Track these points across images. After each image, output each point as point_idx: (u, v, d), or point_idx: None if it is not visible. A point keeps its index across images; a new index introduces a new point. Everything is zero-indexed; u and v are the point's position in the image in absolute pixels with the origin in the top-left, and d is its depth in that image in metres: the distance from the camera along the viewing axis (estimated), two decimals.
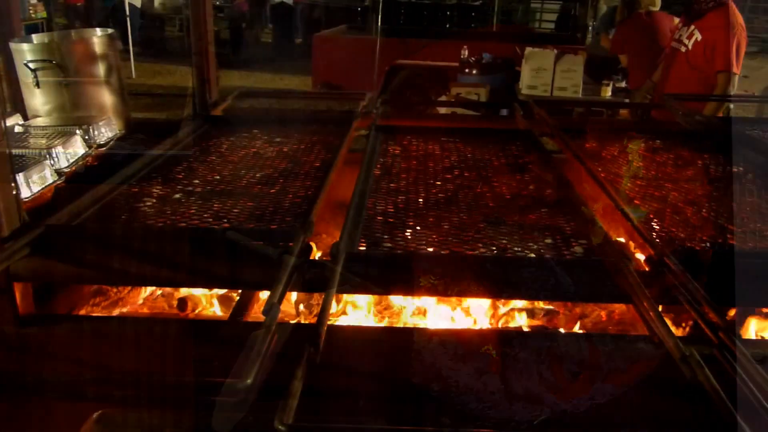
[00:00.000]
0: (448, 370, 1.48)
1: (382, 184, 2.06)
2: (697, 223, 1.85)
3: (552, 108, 4.46)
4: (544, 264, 1.50)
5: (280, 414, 0.98)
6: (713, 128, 2.82)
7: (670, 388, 1.36)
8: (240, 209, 1.80)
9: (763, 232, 1.80)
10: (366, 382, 1.45)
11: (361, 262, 1.50)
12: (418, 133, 2.61)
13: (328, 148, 2.39)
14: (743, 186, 2.17)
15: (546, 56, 5.91)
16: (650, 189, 2.12)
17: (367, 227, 1.71)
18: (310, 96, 4.95)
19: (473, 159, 2.35)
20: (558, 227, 1.76)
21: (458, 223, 1.77)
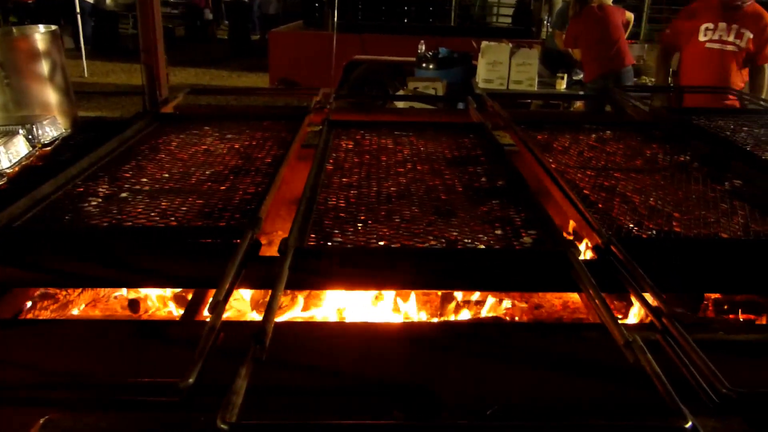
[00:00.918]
0: (397, 364, 1.48)
1: (334, 179, 2.04)
2: (644, 211, 1.88)
3: (506, 101, 4.51)
4: (492, 255, 1.51)
5: (223, 413, 0.96)
6: (662, 119, 2.87)
7: (617, 375, 1.38)
8: (188, 207, 1.77)
9: (708, 219, 1.84)
10: (318, 377, 1.44)
11: (310, 258, 1.48)
12: (371, 127, 2.60)
13: (280, 144, 2.37)
14: (690, 174, 2.21)
15: (501, 50, 5.96)
16: (600, 179, 2.15)
17: (318, 222, 1.70)
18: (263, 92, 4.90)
19: (426, 152, 2.35)
20: (508, 218, 1.77)
21: (409, 217, 1.77)
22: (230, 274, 1.32)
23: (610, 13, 5.71)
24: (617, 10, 5.85)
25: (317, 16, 9.48)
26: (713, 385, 1.07)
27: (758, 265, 1.64)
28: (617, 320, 1.24)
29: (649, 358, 1.12)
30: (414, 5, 12.85)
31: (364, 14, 11.63)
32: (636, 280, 1.40)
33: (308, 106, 2.81)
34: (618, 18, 5.73)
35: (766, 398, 1.09)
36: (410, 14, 12.83)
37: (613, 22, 5.67)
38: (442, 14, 13.47)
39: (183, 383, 1.00)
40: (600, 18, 5.67)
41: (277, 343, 1.47)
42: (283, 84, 7.73)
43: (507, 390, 1.43)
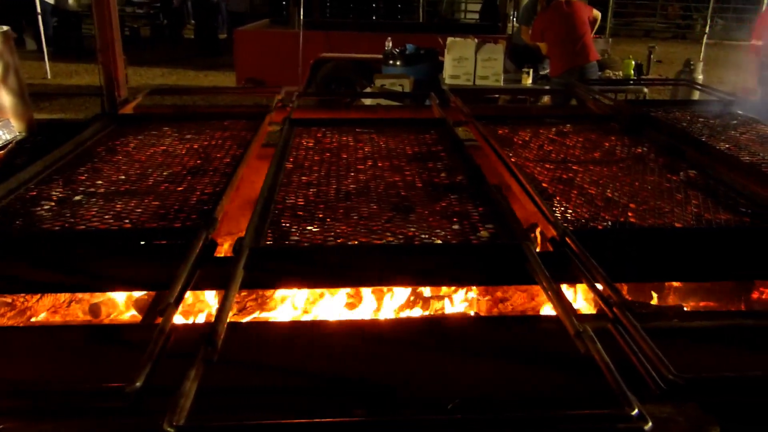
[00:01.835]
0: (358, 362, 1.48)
1: (294, 178, 2.03)
2: (600, 203, 1.91)
3: (473, 96, 4.54)
4: (448, 250, 1.52)
5: (170, 415, 0.95)
6: (621, 111, 2.91)
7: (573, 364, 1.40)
8: (143, 209, 1.74)
9: (662, 209, 1.87)
10: (276, 377, 1.44)
11: (266, 257, 1.47)
12: (332, 125, 2.60)
13: (240, 143, 2.36)
14: (646, 165, 2.25)
15: (467, 46, 5.99)
16: (558, 172, 2.17)
17: (275, 221, 1.69)
18: (226, 91, 4.86)
19: (387, 149, 2.35)
20: (466, 213, 1.78)
21: (368, 214, 1.76)
22: (182, 276, 1.31)
23: (576, 9, 5.76)
24: (584, 6, 5.90)
25: (284, 15, 9.43)
26: (660, 371, 1.09)
27: (710, 253, 1.66)
28: (569, 311, 1.25)
29: (598, 348, 1.14)
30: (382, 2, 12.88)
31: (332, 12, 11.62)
32: (589, 271, 1.42)
33: (270, 105, 2.79)
34: (584, 14, 5.78)
35: (712, 383, 1.11)
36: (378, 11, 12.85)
37: (580, 18, 5.72)
38: (410, 11, 13.52)
39: (130, 388, 0.98)
40: (567, 13, 5.72)
41: (234, 343, 1.46)
42: (250, 83, 7.68)
43: (468, 383, 1.44)
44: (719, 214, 1.83)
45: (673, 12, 18.27)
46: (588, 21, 5.82)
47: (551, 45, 5.84)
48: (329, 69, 7.61)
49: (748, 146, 2.44)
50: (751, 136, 2.58)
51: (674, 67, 9.33)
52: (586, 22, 5.81)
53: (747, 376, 1.13)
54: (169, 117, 2.70)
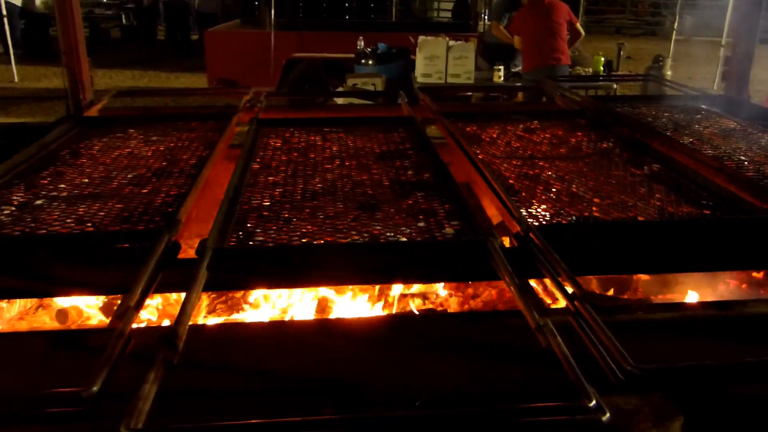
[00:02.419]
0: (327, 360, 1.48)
1: (260, 178, 2.03)
2: (566, 198, 1.92)
3: (440, 94, 4.55)
4: (413, 247, 1.52)
5: (128, 419, 0.94)
6: (588, 107, 2.94)
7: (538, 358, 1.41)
8: (106, 212, 1.73)
9: (626, 203, 1.89)
10: (243, 378, 1.43)
11: (230, 258, 1.47)
12: (300, 125, 2.59)
13: (206, 144, 2.34)
14: (611, 160, 2.27)
15: (438, 44, 6.00)
16: (525, 168, 2.18)
17: (240, 222, 1.68)
18: (194, 93, 4.83)
19: (354, 148, 2.35)
20: (432, 210, 1.78)
21: (334, 213, 1.76)
22: (143, 279, 1.30)
23: (557, 9, 5.81)
24: (565, 8, 5.95)
25: (256, 15, 9.38)
26: (619, 363, 1.10)
27: (671, 245, 1.69)
28: (531, 306, 1.26)
29: (558, 341, 1.15)
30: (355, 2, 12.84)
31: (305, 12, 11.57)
32: (551, 265, 1.43)
33: (237, 106, 2.77)
34: (563, 16, 5.83)
35: (669, 373, 1.12)
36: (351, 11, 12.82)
37: (558, 19, 5.78)
38: (384, 10, 13.51)
39: (86, 392, 0.97)
40: (546, 11, 5.76)
41: (199, 345, 1.46)
42: (222, 84, 7.63)
43: (436, 380, 1.45)
44: (681, 207, 1.86)
45: (643, 9, 18.51)
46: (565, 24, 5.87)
47: (526, 40, 5.87)
48: (301, 69, 7.58)
49: (711, 140, 2.47)
50: (714, 129, 2.63)
51: (644, 63, 9.44)
52: (564, 25, 5.85)
53: (703, 366, 1.15)
54: (135, 119, 2.67)
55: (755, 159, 2.24)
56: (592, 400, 1.01)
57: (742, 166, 2.16)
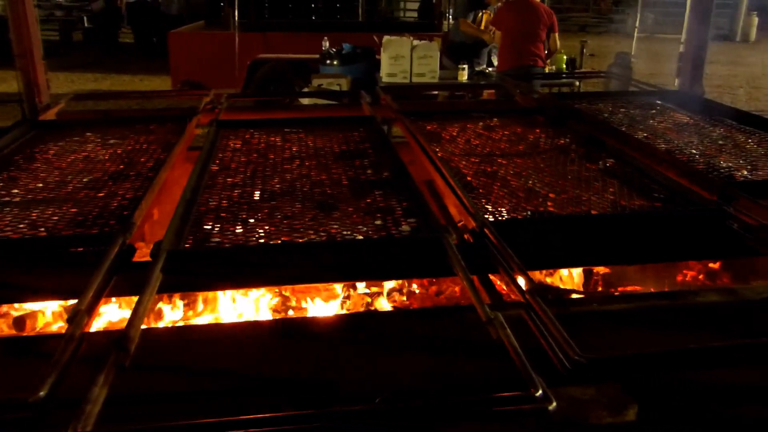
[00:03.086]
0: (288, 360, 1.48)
1: (218, 179, 2.02)
2: (522, 193, 1.95)
3: (402, 93, 4.58)
4: (369, 245, 1.53)
5: (75, 423, 0.94)
6: (546, 104, 2.98)
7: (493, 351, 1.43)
8: (60, 216, 1.71)
9: (581, 198, 1.92)
10: (198, 381, 1.42)
11: (185, 260, 1.46)
12: (260, 126, 2.58)
13: (165, 147, 2.32)
14: (568, 156, 2.31)
15: (403, 44, 6.02)
16: (483, 165, 2.21)
17: (197, 223, 1.68)
18: (154, 95, 4.78)
19: (314, 148, 2.36)
20: (390, 208, 1.80)
21: (292, 213, 1.77)
22: (95, 283, 1.29)
23: (539, 11, 5.86)
24: (548, 11, 6.01)
25: (220, 16, 9.32)
26: (566, 353, 1.12)
27: (623, 238, 1.73)
28: (482, 300, 1.28)
29: (507, 333, 1.17)
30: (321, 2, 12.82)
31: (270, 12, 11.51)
32: (505, 260, 1.45)
33: (197, 108, 2.76)
34: (545, 19, 5.89)
35: (612, 362, 1.15)
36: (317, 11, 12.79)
37: (539, 22, 5.83)
38: (350, 10, 13.51)
39: (33, 398, 0.97)
40: (529, 12, 5.81)
41: (156, 348, 1.45)
42: (186, 86, 7.55)
43: (396, 376, 1.46)
44: (634, 200, 1.90)
45: (606, 7, 18.80)
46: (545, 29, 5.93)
47: (505, 38, 5.92)
48: (266, 70, 7.53)
49: (664, 134, 2.53)
50: (668, 124, 2.69)
51: (607, 60, 9.59)
52: (544, 30, 5.91)
53: (647, 354, 1.18)
54: (92, 122, 2.64)
55: (706, 152, 2.30)
56: (538, 390, 1.03)
57: (693, 159, 2.22)
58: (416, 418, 1.08)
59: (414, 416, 1.08)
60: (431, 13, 10.38)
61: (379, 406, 1.41)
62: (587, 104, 3.00)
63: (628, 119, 2.76)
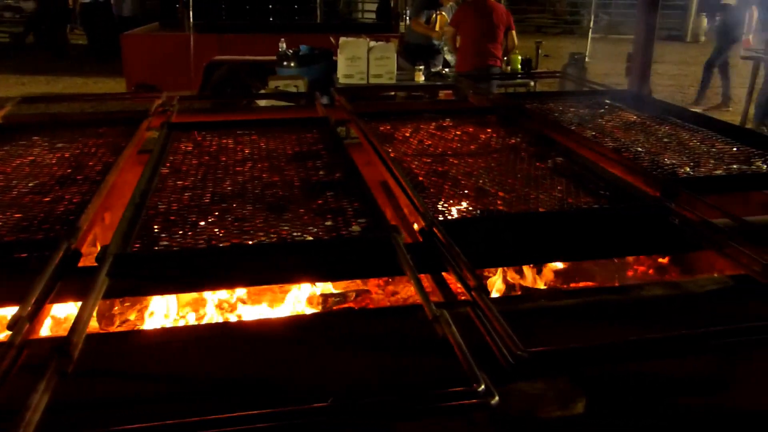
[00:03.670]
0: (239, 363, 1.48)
1: (169, 182, 2.00)
2: (472, 193, 1.98)
3: (358, 95, 4.59)
4: (319, 246, 1.54)
5: (14, 430, 0.92)
6: (498, 104, 3.02)
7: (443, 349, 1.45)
8: (3, 222, 1.67)
9: (529, 196, 1.96)
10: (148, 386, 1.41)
11: (131, 264, 1.45)
12: (212, 128, 2.57)
13: (114, 150, 2.29)
14: (518, 155, 2.34)
15: (359, 45, 6.04)
16: (435, 165, 2.23)
17: (145, 227, 1.66)
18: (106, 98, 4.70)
19: (267, 150, 2.35)
20: (341, 209, 1.81)
21: (242, 215, 1.76)
22: (37, 289, 1.27)
23: (498, 12, 5.96)
24: (505, 11, 6.12)
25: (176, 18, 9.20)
26: (510, 348, 1.15)
27: (570, 235, 1.76)
28: (428, 298, 1.30)
29: (452, 331, 1.19)
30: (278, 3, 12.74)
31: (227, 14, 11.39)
32: (453, 258, 1.47)
33: (148, 111, 2.73)
34: (504, 20, 6.00)
35: (555, 355, 1.17)
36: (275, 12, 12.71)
37: (498, 23, 5.94)
38: (308, 11, 13.46)
39: None
40: (488, 13, 5.91)
41: (104, 354, 1.43)
42: (140, 89, 7.44)
43: (350, 376, 1.47)
44: (581, 198, 1.94)
45: (561, 8, 19.12)
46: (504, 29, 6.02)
47: (465, 39, 6.01)
48: (223, 72, 7.49)
49: (612, 133, 2.59)
50: (616, 123, 2.75)
51: (562, 60, 9.74)
52: (502, 30, 6.02)
53: (590, 346, 1.21)
54: (40, 126, 2.59)
55: (651, 150, 2.36)
56: (481, 385, 1.05)
57: (638, 157, 2.27)
58: (364, 416, 1.09)
59: (360, 414, 1.08)
60: (388, 14, 10.41)
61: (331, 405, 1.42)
62: (539, 104, 3.05)
63: (578, 118, 2.81)
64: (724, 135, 2.52)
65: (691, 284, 1.88)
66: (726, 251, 1.62)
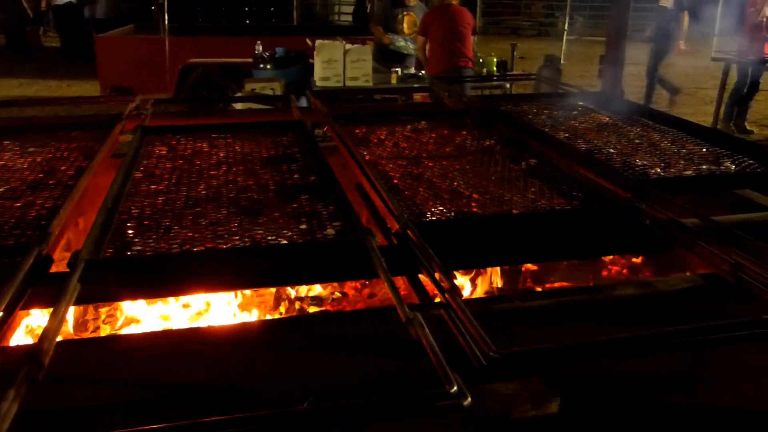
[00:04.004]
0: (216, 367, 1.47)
1: (142, 187, 1.99)
2: (447, 195, 1.99)
3: (334, 97, 4.59)
4: (293, 250, 1.54)
5: None
6: (473, 107, 3.04)
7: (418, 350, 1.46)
8: None
9: (503, 197, 1.97)
10: (120, 392, 1.40)
11: (103, 269, 1.44)
12: (187, 131, 2.55)
13: (87, 154, 2.27)
14: (492, 157, 2.36)
15: (335, 48, 6.04)
16: (410, 167, 2.24)
17: (118, 232, 1.65)
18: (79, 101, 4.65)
19: (242, 153, 2.35)
20: (316, 212, 1.81)
21: (216, 219, 1.76)
22: (8, 295, 1.25)
23: (463, 15, 6.06)
24: (469, 15, 6.21)
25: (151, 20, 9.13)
26: (482, 349, 1.16)
27: (543, 236, 1.78)
28: (401, 300, 1.30)
29: (426, 332, 1.19)
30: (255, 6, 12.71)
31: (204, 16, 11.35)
32: (427, 260, 1.48)
33: (121, 114, 2.71)
34: (468, 21, 6.09)
35: (527, 356, 1.19)
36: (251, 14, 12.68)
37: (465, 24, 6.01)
38: (285, 13, 13.44)
39: None
40: (454, 16, 5.98)
41: (76, 360, 1.42)
42: (115, 92, 7.38)
43: (326, 379, 1.47)
44: (554, 199, 1.96)
45: (537, 10, 19.28)
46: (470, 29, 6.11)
47: (434, 43, 6.06)
48: (199, 75, 7.44)
49: (584, 135, 2.62)
50: (589, 125, 2.78)
51: (537, 62, 9.82)
52: (469, 30, 6.10)
53: (562, 346, 1.22)
54: (11, 130, 2.56)
55: (623, 151, 2.39)
56: (453, 386, 1.06)
57: (610, 158, 2.30)
58: (339, 419, 1.09)
59: (335, 417, 1.09)
60: (364, 17, 10.43)
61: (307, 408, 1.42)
62: (513, 106, 3.07)
63: (552, 120, 2.84)
64: (694, 136, 2.56)
65: (661, 283, 1.91)
66: (696, 251, 1.65)
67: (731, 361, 1.51)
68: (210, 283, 1.50)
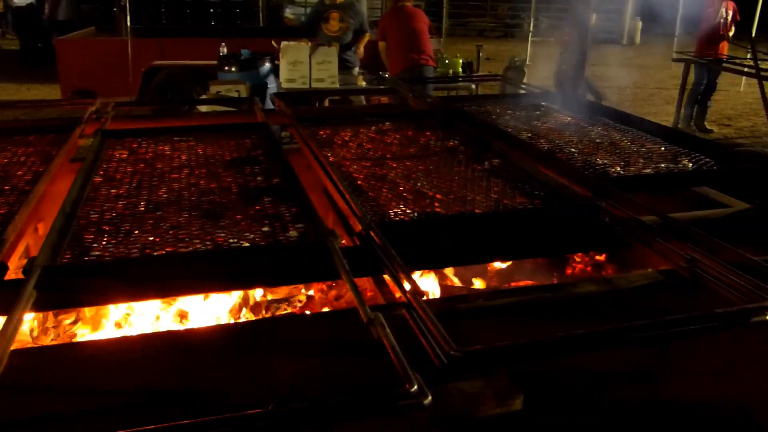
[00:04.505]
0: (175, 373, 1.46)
1: (102, 191, 1.96)
2: (410, 195, 2.00)
3: (298, 99, 4.57)
4: (255, 252, 1.53)
5: None
6: (437, 107, 3.06)
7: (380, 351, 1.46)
8: None
9: (466, 197, 1.99)
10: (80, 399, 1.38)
11: (61, 276, 1.41)
12: (149, 135, 2.52)
13: (45, 159, 2.23)
14: (455, 158, 2.38)
15: (301, 49, 6.01)
16: (374, 168, 2.24)
17: (77, 237, 1.62)
18: (38, 105, 4.57)
19: (204, 156, 2.32)
20: (278, 215, 1.80)
21: (178, 223, 1.74)
22: None
23: (418, 15, 6.14)
24: (424, 16, 6.27)
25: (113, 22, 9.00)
26: (443, 347, 1.16)
27: (506, 236, 1.80)
28: (363, 301, 1.30)
29: (387, 333, 1.20)
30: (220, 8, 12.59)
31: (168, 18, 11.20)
32: (389, 261, 1.49)
33: (81, 118, 2.66)
34: (425, 21, 6.16)
35: (487, 354, 1.20)
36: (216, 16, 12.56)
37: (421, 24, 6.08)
38: (251, 16, 13.34)
39: None
40: (410, 16, 6.05)
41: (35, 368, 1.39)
42: (77, 95, 7.24)
43: (289, 382, 1.46)
44: (516, 199, 1.98)
45: (502, 12, 19.45)
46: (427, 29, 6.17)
47: (393, 44, 6.10)
48: (163, 77, 7.35)
49: (546, 134, 2.65)
50: (551, 125, 2.82)
51: (503, 63, 9.90)
52: (426, 30, 6.16)
53: (522, 343, 1.24)
54: None
55: (584, 150, 2.43)
56: (413, 385, 1.06)
57: (572, 158, 2.33)
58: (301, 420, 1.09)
59: (297, 418, 1.08)
60: None
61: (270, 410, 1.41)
62: (477, 107, 3.10)
63: (514, 120, 2.87)
64: (653, 135, 2.61)
65: (622, 280, 1.94)
66: (654, 247, 1.68)
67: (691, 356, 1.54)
68: (170, 287, 1.49)
